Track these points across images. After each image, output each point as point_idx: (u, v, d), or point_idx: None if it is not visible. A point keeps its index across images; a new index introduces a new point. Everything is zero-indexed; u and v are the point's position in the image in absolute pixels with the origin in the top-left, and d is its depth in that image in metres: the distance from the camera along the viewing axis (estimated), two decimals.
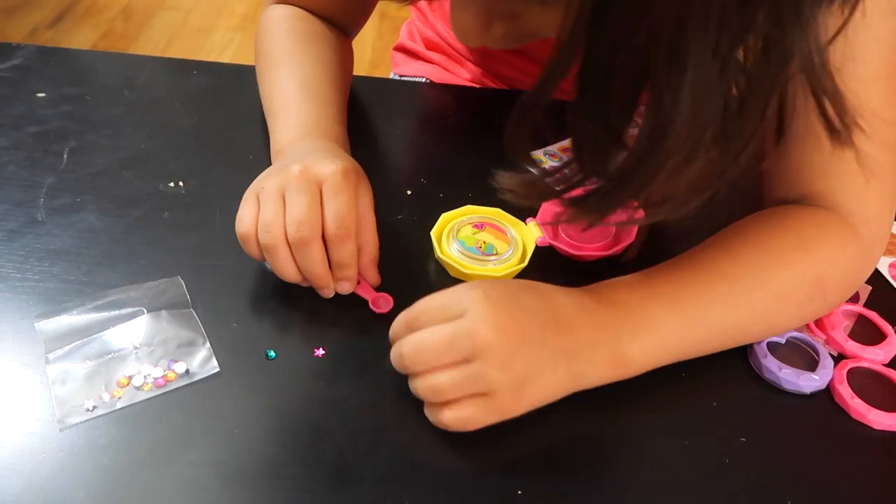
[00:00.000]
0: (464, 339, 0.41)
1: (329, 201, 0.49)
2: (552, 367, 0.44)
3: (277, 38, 0.66)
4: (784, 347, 0.52)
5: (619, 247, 0.57)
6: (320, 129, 0.58)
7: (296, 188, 0.49)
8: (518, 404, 0.43)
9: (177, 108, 0.70)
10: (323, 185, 0.50)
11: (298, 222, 0.48)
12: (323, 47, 0.66)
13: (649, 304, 0.47)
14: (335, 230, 0.49)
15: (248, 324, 0.50)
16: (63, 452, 0.42)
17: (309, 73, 0.63)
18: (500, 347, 0.41)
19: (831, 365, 0.50)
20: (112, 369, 0.46)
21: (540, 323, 0.44)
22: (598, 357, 0.45)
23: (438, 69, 0.88)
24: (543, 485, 0.43)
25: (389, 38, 2.32)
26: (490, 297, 0.43)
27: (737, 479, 0.45)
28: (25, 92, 0.69)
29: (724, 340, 0.49)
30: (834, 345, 0.53)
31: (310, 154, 0.53)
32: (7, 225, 0.56)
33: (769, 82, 0.35)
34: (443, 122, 0.74)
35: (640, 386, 0.47)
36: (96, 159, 0.63)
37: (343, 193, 0.50)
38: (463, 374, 0.42)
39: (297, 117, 0.59)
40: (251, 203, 0.50)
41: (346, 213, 0.49)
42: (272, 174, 0.51)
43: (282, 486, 0.42)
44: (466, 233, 0.56)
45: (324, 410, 0.46)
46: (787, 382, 0.49)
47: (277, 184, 0.50)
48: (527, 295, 0.45)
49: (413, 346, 0.43)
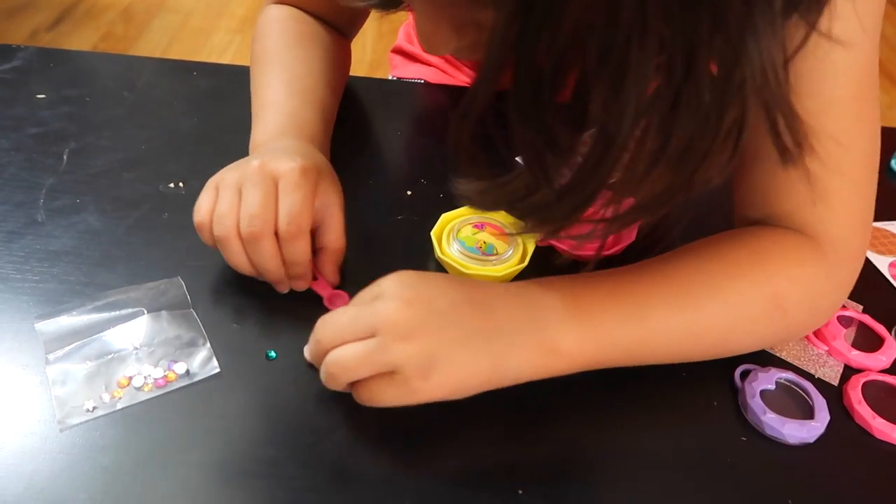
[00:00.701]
0: (367, 313, 0.42)
1: (283, 197, 0.49)
2: (465, 346, 0.42)
3: (270, 39, 0.66)
4: (777, 392, 0.49)
5: (619, 247, 0.57)
6: (297, 127, 0.58)
7: (252, 183, 0.49)
8: (427, 384, 0.41)
9: (177, 110, 0.70)
10: (279, 181, 0.49)
11: (250, 216, 0.48)
12: (313, 47, 0.65)
13: (583, 293, 0.45)
14: (286, 227, 0.48)
15: (248, 324, 0.50)
16: (63, 453, 0.42)
17: (295, 73, 0.62)
18: (402, 320, 0.41)
19: (826, 419, 0.47)
20: (112, 370, 0.46)
21: (450, 301, 0.43)
22: (523, 340, 0.43)
23: (437, 72, 0.88)
24: (544, 485, 0.43)
25: (389, 39, 2.33)
26: (402, 278, 0.44)
27: (737, 478, 0.45)
28: (25, 93, 0.69)
29: (671, 348, 0.47)
30: (837, 355, 0.52)
31: (276, 151, 0.53)
32: (7, 226, 0.56)
33: (719, 96, 0.32)
34: (442, 122, 0.74)
35: (641, 386, 0.48)
36: (96, 160, 0.63)
37: (298, 191, 0.49)
38: (367, 347, 0.41)
39: (276, 116, 0.59)
40: (210, 193, 0.50)
41: (300, 211, 0.49)
42: (233, 167, 0.52)
43: (282, 487, 0.42)
44: (467, 233, 0.56)
45: (324, 411, 0.46)
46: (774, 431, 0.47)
47: (236, 177, 0.50)
48: (445, 280, 0.45)
49: (324, 321, 0.44)
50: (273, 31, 0.66)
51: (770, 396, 0.48)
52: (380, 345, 0.41)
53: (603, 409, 0.47)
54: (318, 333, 0.44)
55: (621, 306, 0.45)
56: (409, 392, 0.41)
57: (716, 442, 0.47)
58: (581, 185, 0.36)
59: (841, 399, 0.50)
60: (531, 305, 0.44)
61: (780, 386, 0.49)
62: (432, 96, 0.79)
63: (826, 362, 0.52)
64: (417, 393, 0.41)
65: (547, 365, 0.44)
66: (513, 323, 0.43)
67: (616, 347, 0.45)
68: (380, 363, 0.41)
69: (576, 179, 0.36)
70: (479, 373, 0.43)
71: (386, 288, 0.43)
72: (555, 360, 0.44)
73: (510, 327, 0.43)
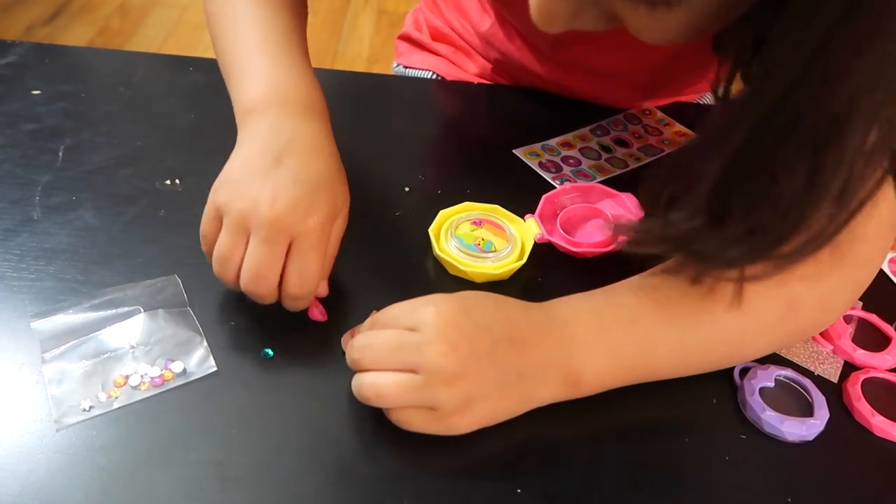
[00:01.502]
0: (413, 350, 0.41)
1: (296, 259, 0.46)
2: (501, 389, 0.43)
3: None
4: (776, 389, 0.49)
5: (618, 244, 0.57)
6: (293, 93, 0.52)
7: (262, 238, 0.45)
8: (462, 420, 0.42)
9: (173, 106, 0.70)
10: (294, 240, 0.46)
11: (255, 276, 0.45)
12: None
13: (608, 324, 0.46)
14: (295, 289, 0.47)
15: (245, 322, 0.50)
16: (60, 453, 0.42)
17: (263, 19, 0.56)
18: (449, 366, 0.41)
19: (826, 416, 0.47)
20: (109, 369, 0.46)
21: (492, 340, 0.43)
22: (550, 376, 0.44)
23: (445, 62, 0.86)
24: (543, 484, 0.43)
25: (387, 33, 2.32)
26: (443, 312, 0.42)
27: (737, 476, 0.45)
28: (21, 89, 0.69)
29: (688, 362, 0.48)
30: (842, 354, 0.52)
31: (286, 161, 0.47)
32: (2, 223, 0.55)
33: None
34: (441, 118, 0.74)
35: (640, 385, 0.47)
36: (92, 157, 0.62)
37: (313, 252, 0.46)
38: (409, 384, 0.41)
39: (264, 72, 0.53)
40: (212, 220, 0.47)
41: (312, 275, 0.47)
42: (240, 191, 0.46)
43: (281, 486, 0.42)
44: (465, 230, 0.56)
45: (322, 409, 0.46)
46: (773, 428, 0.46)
47: (243, 215, 0.45)
48: (481, 310, 0.44)
49: (364, 339, 0.43)
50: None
51: (769, 394, 0.48)
52: (424, 384, 0.41)
53: (601, 407, 0.47)
54: (358, 352, 0.43)
55: (645, 334, 0.46)
56: (443, 426, 0.43)
57: (715, 439, 0.47)
58: (778, 228, 0.37)
59: (840, 396, 0.50)
60: (560, 341, 0.45)
61: (779, 383, 0.49)
62: (431, 92, 0.79)
63: (826, 359, 0.52)
64: (451, 427, 0.43)
65: (568, 393, 0.46)
66: (544, 357, 0.44)
67: (636, 371, 0.47)
68: (420, 400, 0.42)
69: (773, 224, 0.37)
70: (509, 408, 0.44)
71: (429, 323, 0.42)
72: (576, 390, 0.46)
73: (542, 361, 0.44)
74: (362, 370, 0.43)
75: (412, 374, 0.41)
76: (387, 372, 0.42)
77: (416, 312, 0.43)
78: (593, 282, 0.49)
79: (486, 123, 0.75)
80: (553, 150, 0.69)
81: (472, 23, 0.79)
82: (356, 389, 0.43)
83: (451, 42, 0.86)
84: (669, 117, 0.74)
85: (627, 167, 0.67)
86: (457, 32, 0.84)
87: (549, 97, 0.76)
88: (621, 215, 0.59)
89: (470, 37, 0.82)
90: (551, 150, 0.68)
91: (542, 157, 0.67)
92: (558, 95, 0.76)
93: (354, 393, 0.43)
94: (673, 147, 0.70)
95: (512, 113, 0.75)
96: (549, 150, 0.69)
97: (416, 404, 0.42)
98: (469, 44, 0.83)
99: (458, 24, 0.83)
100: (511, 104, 0.76)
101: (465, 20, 0.81)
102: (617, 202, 0.60)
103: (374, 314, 0.46)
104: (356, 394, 0.43)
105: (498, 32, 0.75)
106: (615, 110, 0.75)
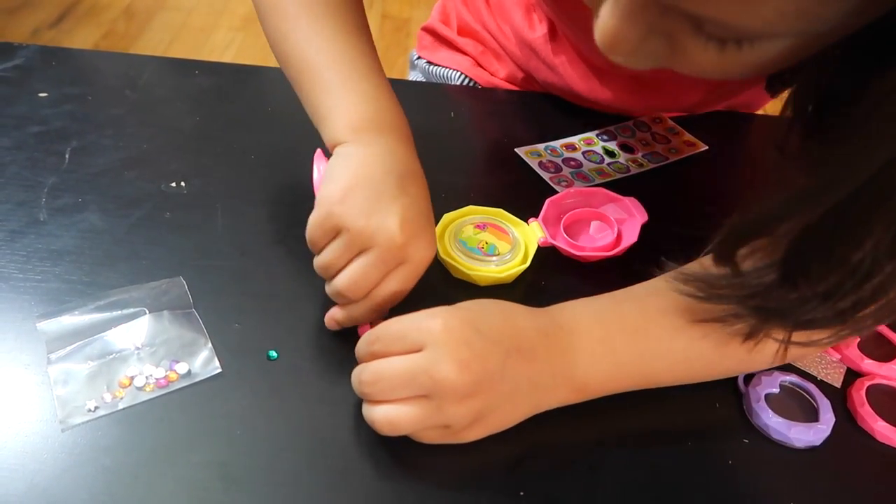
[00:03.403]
0: (423, 377, 0.40)
1: (399, 281, 0.47)
2: (512, 399, 0.43)
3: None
4: (781, 395, 0.49)
5: (621, 248, 0.57)
6: (395, 121, 0.52)
7: (379, 258, 0.46)
8: (472, 432, 0.43)
9: (179, 108, 0.70)
10: (403, 264, 0.47)
11: (353, 284, 0.46)
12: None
13: (614, 332, 0.46)
14: (382, 301, 0.47)
15: (249, 324, 0.50)
16: (65, 453, 0.42)
17: (339, 30, 0.54)
18: (461, 385, 0.40)
19: (832, 421, 0.47)
20: (114, 370, 0.46)
21: (502, 351, 0.42)
22: (558, 383, 0.45)
23: (472, 63, 0.84)
24: (545, 486, 0.43)
25: (391, 38, 2.33)
26: (450, 328, 0.42)
27: (739, 480, 0.45)
28: (27, 92, 0.69)
29: (693, 373, 0.48)
30: (849, 363, 0.52)
31: (409, 190, 0.48)
32: (9, 225, 0.56)
33: None
34: (445, 121, 0.74)
35: (643, 390, 0.47)
36: (98, 159, 0.63)
37: (414, 280, 0.48)
38: (422, 412, 0.41)
39: (366, 94, 0.52)
40: (325, 230, 0.47)
41: (401, 297, 0.48)
42: (366, 209, 0.46)
43: (284, 487, 0.42)
44: (468, 233, 0.56)
45: (325, 411, 0.46)
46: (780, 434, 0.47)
47: (368, 234, 0.46)
48: (488, 321, 0.44)
49: (373, 374, 0.42)
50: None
51: (775, 400, 0.48)
52: (437, 408, 0.41)
53: (604, 411, 0.47)
54: (368, 387, 0.42)
55: (647, 343, 0.46)
56: (454, 438, 0.43)
57: (718, 444, 0.47)
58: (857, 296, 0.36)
59: (844, 402, 0.50)
60: (565, 348, 0.45)
61: (784, 389, 0.49)
62: (435, 96, 0.79)
63: (829, 364, 0.52)
64: (462, 439, 0.43)
65: (573, 399, 0.46)
66: (552, 366, 0.44)
67: (639, 379, 0.47)
68: (434, 423, 0.42)
69: (849, 290, 0.36)
70: (518, 417, 0.45)
71: (438, 341, 0.41)
72: (581, 396, 0.46)
73: (549, 371, 0.44)
74: (373, 403, 0.42)
75: (424, 399, 0.41)
76: (399, 404, 0.41)
77: (423, 329, 0.42)
78: (596, 285, 0.49)
79: (490, 126, 0.75)
80: (556, 151, 0.69)
81: (513, 28, 0.77)
82: (369, 421, 0.43)
83: (480, 40, 0.83)
84: (679, 126, 0.74)
85: (628, 172, 0.67)
86: (490, 32, 0.82)
87: (561, 103, 0.76)
88: (624, 219, 0.60)
89: (505, 40, 0.80)
90: (553, 151, 0.69)
91: (542, 157, 0.68)
92: (570, 102, 0.76)
93: (367, 422, 0.43)
94: (679, 156, 0.70)
95: (519, 116, 0.75)
96: (551, 150, 0.69)
97: (432, 425, 0.42)
98: (502, 46, 0.81)
99: (493, 24, 0.81)
100: (518, 108, 0.76)
101: (506, 23, 0.79)
102: (620, 206, 0.61)
103: (367, 334, 0.44)
104: (369, 424, 0.43)
105: (547, 44, 0.74)
106: (627, 117, 0.75)
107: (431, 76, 0.88)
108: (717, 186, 0.68)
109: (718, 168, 0.70)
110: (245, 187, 0.61)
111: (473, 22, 0.83)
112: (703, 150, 0.71)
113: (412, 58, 0.92)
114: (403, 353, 0.42)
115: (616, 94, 0.72)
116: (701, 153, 0.71)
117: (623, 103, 0.73)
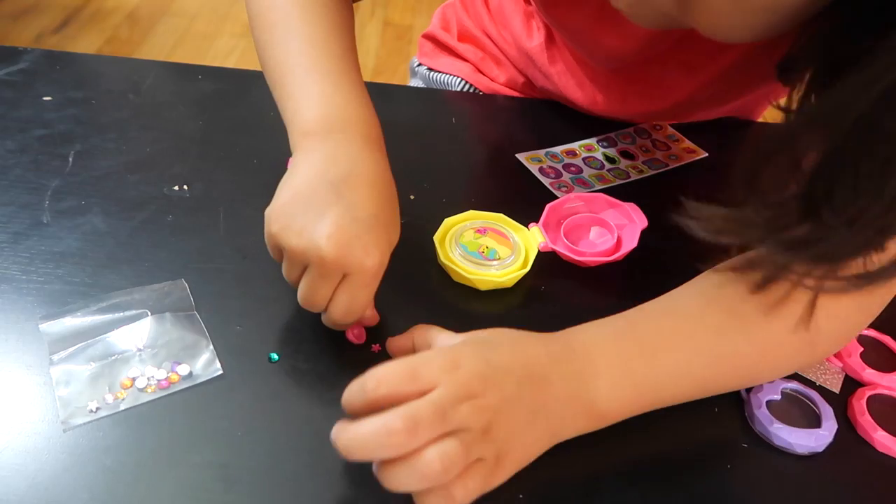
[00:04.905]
0: (452, 412, 0.38)
1: (347, 292, 0.46)
2: (531, 427, 0.42)
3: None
4: (783, 402, 0.49)
5: (621, 253, 0.57)
6: (352, 119, 0.51)
7: (318, 273, 0.45)
8: (501, 473, 0.41)
9: (182, 113, 0.71)
10: (348, 276, 0.45)
11: (307, 301, 0.46)
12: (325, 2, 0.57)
13: (630, 357, 0.45)
14: (340, 318, 0.47)
15: (251, 326, 0.51)
16: (66, 453, 0.42)
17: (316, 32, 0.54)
18: (483, 422, 0.39)
19: (834, 427, 0.47)
20: (116, 371, 0.47)
21: (516, 380, 0.41)
22: (576, 411, 0.43)
23: (471, 69, 0.84)
24: (545, 489, 0.43)
25: (392, 45, 2.34)
26: (461, 365, 0.40)
27: (739, 484, 0.45)
28: (32, 96, 0.70)
29: (706, 390, 0.48)
30: (851, 372, 0.52)
31: (345, 194, 0.46)
32: (13, 227, 0.56)
33: None
34: (446, 126, 0.74)
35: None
36: (101, 163, 0.63)
37: (365, 290, 0.46)
38: (462, 444, 0.37)
39: (322, 93, 0.51)
40: (273, 248, 0.48)
41: (359, 308, 0.47)
42: (295, 224, 0.45)
43: (285, 488, 0.42)
44: (469, 237, 0.57)
45: (327, 413, 0.46)
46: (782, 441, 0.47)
47: (300, 251, 0.45)
48: (497, 352, 0.42)
49: (407, 419, 0.36)
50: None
51: (776, 406, 0.48)
52: (464, 447, 0.37)
53: None
54: (401, 436, 0.36)
55: (665, 366, 0.45)
56: (486, 484, 0.40)
57: (716, 448, 0.47)
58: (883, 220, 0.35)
59: (844, 410, 0.50)
60: (581, 374, 0.44)
61: (785, 395, 0.49)
62: (436, 101, 0.80)
63: (828, 370, 0.52)
64: (493, 484, 0.40)
65: (592, 426, 0.45)
66: (567, 391, 0.43)
67: (655, 400, 0.46)
68: (468, 459, 0.38)
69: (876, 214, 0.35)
70: (540, 449, 0.43)
71: (445, 380, 0.39)
72: (599, 422, 0.45)
73: (565, 396, 0.43)
74: (399, 458, 0.38)
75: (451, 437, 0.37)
76: (436, 445, 0.37)
77: (432, 368, 0.39)
78: (596, 290, 0.49)
79: (491, 132, 0.75)
80: (556, 156, 0.69)
81: (513, 35, 0.78)
82: (420, 475, 0.37)
83: (480, 46, 0.84)
84: (679, 133, 0.74)
85: (629, 178, 0.68)
86: (490, 38, 0.82)
87: (562, 109, 0.77)
88: (624, 225, 0.60)
89: (505, 46, 0.80)
90: (554, 157, 0.69)
91: (543, 163, 0.68)
92: (571, 109, 0.76)
93: (413, 478, 0.38)
94: (679, 162, 0.70)
95: (520, 122, 0.75)
96: (552, 156, 0.69)
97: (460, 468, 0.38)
98: (503, 52, 0.81)
99: (493, 29, 0.81)
100: (518, 114, 0.77)
101: (506, 31, 0.79)
102: (620, 212, 0.61)
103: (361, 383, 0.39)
104: (418, 479, 0.37)
105: (544, 52, 0.74)
106: (628, 124, 0.75)
107: (432, 83, 0.88)
108: (717, 193, 0.68)
109: (718, 175, 0.70)
110: (247, 191, 0.61)
111: (474, 28, 0.84)
112: (703, 157, 0.71)
113: (413, 65, 0.93)
114: (418, 395, 0.38)
115: (610, 103, 0.73)
116: (701, 160, 0.71)
117: (617, 112, 0.74)
